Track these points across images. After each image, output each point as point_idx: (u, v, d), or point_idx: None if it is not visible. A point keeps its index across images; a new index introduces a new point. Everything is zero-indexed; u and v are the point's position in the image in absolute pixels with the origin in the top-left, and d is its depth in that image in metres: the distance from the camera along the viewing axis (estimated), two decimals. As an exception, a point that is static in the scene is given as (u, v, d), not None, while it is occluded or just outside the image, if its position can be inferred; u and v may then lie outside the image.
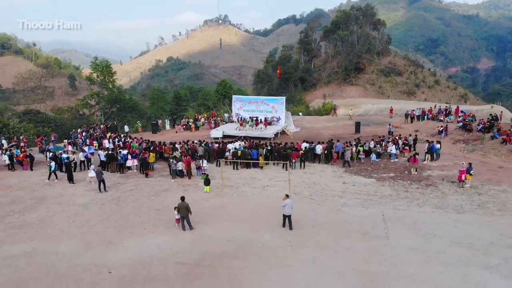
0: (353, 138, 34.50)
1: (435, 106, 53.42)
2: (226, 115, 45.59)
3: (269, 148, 27.99)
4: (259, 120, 39.06)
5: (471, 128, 34.61)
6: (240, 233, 16.54)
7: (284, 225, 17.08)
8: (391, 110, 50.29)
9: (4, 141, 32.59)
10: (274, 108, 40.81)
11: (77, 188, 23.33)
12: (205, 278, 13.10)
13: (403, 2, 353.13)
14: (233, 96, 45.37)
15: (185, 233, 16.60)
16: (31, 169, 27.40)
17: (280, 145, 28.61)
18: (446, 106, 44.63)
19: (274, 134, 36.28)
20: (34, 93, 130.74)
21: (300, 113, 67.88)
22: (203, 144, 28.97)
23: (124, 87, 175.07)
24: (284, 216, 16.98)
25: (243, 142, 29.82)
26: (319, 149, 28.04)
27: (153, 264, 13.99)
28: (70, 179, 24.05)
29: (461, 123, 36.38)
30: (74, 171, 25.67)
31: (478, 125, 34.56)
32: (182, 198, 17.01)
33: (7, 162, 27.03)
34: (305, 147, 28.02)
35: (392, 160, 28.05)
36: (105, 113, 69.57)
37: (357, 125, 39.76)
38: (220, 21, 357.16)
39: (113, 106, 70.07)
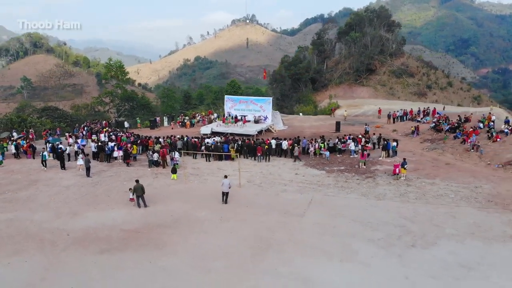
0: (332, 136, 37.29)
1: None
2: (215, 114, 49.18)
3: (239, 143, 31.34)
4: (238, 118, 42.51)
5: (440, 129, 36.83)
6: (183, 210, 19.98)
7: (224, 202, 20.59)
8: (379, 111, 52.58)
9: (15, 133, 37.14)
10: (262, 107, 44.05)
11: (66, 173, 27.27)
12: (139, 240, 16.56)
13: (434, 1, 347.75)
14: (225, 96, 48.88)
15: (139, 209, 20.12)
16: (33, 157, 31.62)
17: (250, 141, 31.89)
18: (425, 108, 46.74)
19: (258, 132, 39.42)
20: (63, 91, 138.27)
21: (301, 113, 70.77)
22: (183, 139, 32.51)
23: (149, 85, 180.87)
24: (223, 193, 20.59)
25: (219, 138, 33.26)
26: (285, 144, 31.12)
27: (103, 230, 17.57)
28: (62, 166, 28.05)
29: (433, 124, 38.64)
30: (68, 160, 29.71)
31: (447, 126, 36.76)
32: (137, 181, 20.57)
33: (13, 151, 31.36)
34: (270, 143, 31.13)
35: (351, 156, 30.85)
36: (118, 110, 74.44)
37: (337, 124, 42.52)
38: (247, 21, 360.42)
39: (126, 104, 74.85)
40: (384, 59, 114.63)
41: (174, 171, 26.13)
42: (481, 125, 34.62)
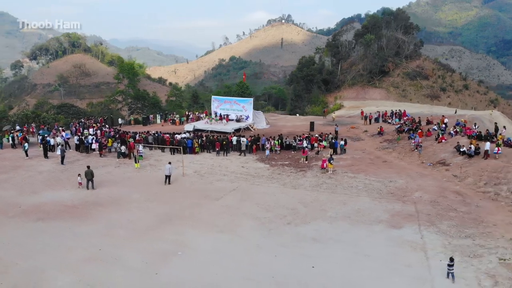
0: (307, 134, 39.99)
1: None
2: (202, 115, 52.96)
3: (203, 139, 35.01)
4: (222, 116, 46.22)
5: (402, 130, 39.09)
6: (122, 192, 23.78)
7: (165, 183, 25.08)
8: (361, 113, 54.56)
9: (18, 127, 42.28)
10: (244, 107, 47.50)
11: (47, 161, 31.55)
12: (72, 213, 20.41)
13: (476, 1, 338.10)
14: (212, 96, 52.72)
15: (86, 191, 24.02)
16: (26, 148, 36.33)
17: (212, 137, 35.48)
18: (396, 110, 48.82)
19: (235, 130, 42.81)
20: (97, 89, 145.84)
21: (297, 114, 73.73)
22: (155, 135, 36.46)
23: (179, 84, 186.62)
24: (166, 176, 25.04)
25: (188, 134, 36.98)
26: (242, 141, 34.44)
27: (48, 204, 21.54)
28: (45, 155, 32.50)
29: (399, 125, 40.95)
30: (53, 151, 34.14)
31: (406, 127, 39.05)
32: (88, 167, 24.58)
33: (10, 142, 36.21)
34: (231, 140, 34.54)
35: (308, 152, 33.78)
36: (130, 108, 79.75)
37: (311, 124, 45.46)
38: (283, 21, 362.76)
39: (138, 102, 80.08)
40: (399, 61, 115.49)
41: (136, 161, 30.06)
42: (436, 127, 36.77)
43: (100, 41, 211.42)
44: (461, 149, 29.14)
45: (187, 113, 54.51)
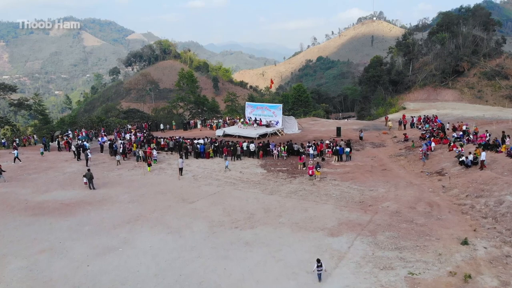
0: (334, 140, 40.14)
1: None
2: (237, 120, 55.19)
3: (216, 144, 37.10)
4: (255, 121, 48.62)
5: (424, 137, 37.72)
6: (114, 193, 26.55)
7: (180, 174, 28.88)
8: (403, 116, 52.48)
9: (70, 132, 47.99)
10: (274, 113, 48.88)
11: (77, 163, 35.85)
12: (62, 210, 23.47)
13: None
14: (246, 102, 54.71)
15: (88, 190, 27.24)
16: (69, 151, 41.16)
17: (223, 143, 37.42)
18: (428, 116, 46.48)
19: (261, 135, 44.37)
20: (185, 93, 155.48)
21: (347, 119, 72.78)
22: (177, 140, 39.33)
23: (259, 88, 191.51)
24: (179, 168, 28.97)
25: (205, 139, 39.27)
26: (251, 147, 35.91)
27: (50, 202, 24.90)
28: (78, 157, 36.84)
29: (423, 132, 39.52)
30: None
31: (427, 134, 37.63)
32: (88, 170, 27.88)
33: (56, 145, 41.49)
34: (241, 146, 36.12)
35: (310, 159, 34.32)
36: (191, 113, 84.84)
37: (338, 130, 45.29)
38: (374, 18, 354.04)
39: (198, 107, 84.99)
40: (477, 60, 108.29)
41: (149, 165, 33.02)
42: (455, 134, 35.07)
43: (195, 46, 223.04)
44: (460, 159, 27.83)
45: (227, 118, 57.23)
